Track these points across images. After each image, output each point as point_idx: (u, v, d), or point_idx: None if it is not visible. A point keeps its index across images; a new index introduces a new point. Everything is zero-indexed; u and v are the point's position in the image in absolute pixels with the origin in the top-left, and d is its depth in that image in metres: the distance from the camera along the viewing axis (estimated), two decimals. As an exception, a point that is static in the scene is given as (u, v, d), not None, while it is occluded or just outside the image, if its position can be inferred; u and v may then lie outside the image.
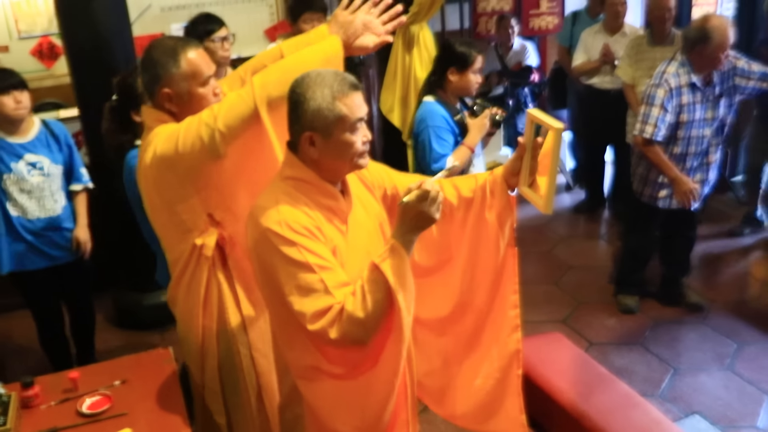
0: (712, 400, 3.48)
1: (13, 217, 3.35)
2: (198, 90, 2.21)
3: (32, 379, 2.25)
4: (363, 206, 2.02)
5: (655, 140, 3.72)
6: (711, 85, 3.75)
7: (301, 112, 1.80)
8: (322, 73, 1.83)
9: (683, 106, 3.71)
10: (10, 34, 5.43)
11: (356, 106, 1.82)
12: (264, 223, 1.80)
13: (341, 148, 1.83)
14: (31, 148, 3.37)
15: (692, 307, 4.28)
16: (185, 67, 2.18)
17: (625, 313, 4.29)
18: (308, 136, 1.81)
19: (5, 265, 3.40)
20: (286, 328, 1.89)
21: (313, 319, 1.76)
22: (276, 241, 1.78)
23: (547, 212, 2.06)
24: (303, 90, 1.81)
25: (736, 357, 3.81)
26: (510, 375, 2.24)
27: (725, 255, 4.98)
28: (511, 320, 2.20)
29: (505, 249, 2.15)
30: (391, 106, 4.35)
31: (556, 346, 3.40)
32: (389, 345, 1.83)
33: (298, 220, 1.80)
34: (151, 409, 2.20)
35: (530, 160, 2.04)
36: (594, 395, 3.01)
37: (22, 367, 3.99)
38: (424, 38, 4.27)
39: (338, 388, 1.91)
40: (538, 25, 6.64)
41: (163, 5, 5.58)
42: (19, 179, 3.33)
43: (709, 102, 3.76)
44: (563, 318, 4.29)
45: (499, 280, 2.18)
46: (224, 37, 3.56)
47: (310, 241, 1.80)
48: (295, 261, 1.77)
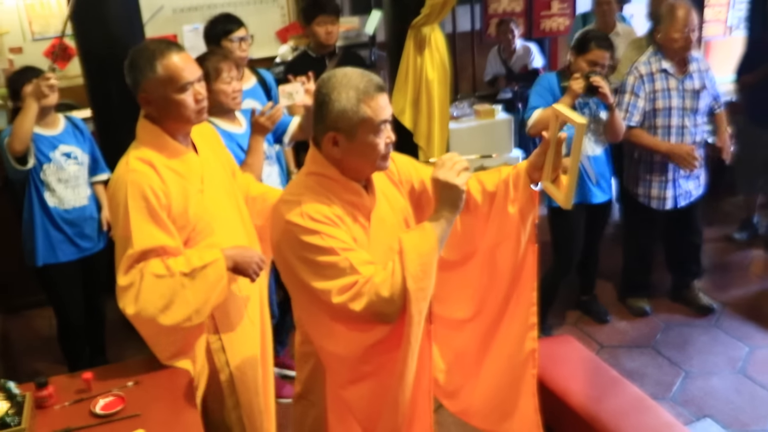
0: (724, 403, 3.46)
1: (50, 207, 3.47)
2: (174, 96, 2.21)
3: (46, 380, 2.26)
4: (387, 201, 2.03)
5: (629, 125, 3.83)
6: (688, 74, 3.85)
7: (326, 112, 1.81)
8: (348, 74, 1.84)
9: (657, 92, 3.83)
10: (24, 35, 5.47)
11: (381, 108, 1.83)
12: (286, 216, 1.83)
13: (364, 149, 1.84)
14: (63, 139, 3.51)
15: (702, 310, 4.27)
16: (161, 72, 2.19)
17: (638, 315, 4.28)
18: (331, 137, 1.83)
19: (40, 257, 3.50)
20: (318, 326, 1.91)
21: (339, 293, 1.78)
22: (298, 233, 1.80)
23: (567, 207, 2.04)
24: (328, 90, 1.81)
25: (748, 360, 3.79)
26: (525, 374, 2.23)
27: (737, 258, 4.95)
28: (528, 318, 2.19)
29: (526, 245, 2.13)
30: (402, 108, 4.35)
31: (567, 349, 3.39)
32: (406, 328, 1.82)
33: (319, 210, 1.82)
34: (165, 410, 2.20)
35: (554, 155, 2.03)
36: (605, 398, 3.00)
37: (31, 367, 4.01)
38: (436, 40, 4.27)
39: (375, 387, 1.92)
40: (549, 26, 6.63)
41: (175, 6, 5.60)
42: (58, 169, 3.45)
43: (687, 92, 3.84)
44: (574, 321, 4.28)
45: (518, 276, 2.17)
46: (242, 38, 3.57)
47: (331, 228, 1.82)
48: (319, 248, 1.79)
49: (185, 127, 2.30)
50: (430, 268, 1.81)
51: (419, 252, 1.80)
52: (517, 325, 2.21)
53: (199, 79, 2.27)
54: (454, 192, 1.82)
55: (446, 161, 1.83)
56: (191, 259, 2.21)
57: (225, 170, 2.50)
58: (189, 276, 2.17)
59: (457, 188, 1.81)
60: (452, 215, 1.85)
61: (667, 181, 3.96)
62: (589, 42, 3.60)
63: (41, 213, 3.47)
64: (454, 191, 1.82)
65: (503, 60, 6.05)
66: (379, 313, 1.79)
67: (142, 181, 2.16)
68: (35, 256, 3.51)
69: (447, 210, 1.84)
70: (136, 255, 2.15)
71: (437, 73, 4.30)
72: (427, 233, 1.83)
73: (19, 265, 4.53)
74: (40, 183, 3.45)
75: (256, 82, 3.80)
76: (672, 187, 3.97)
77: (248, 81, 3.76)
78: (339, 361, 1.94)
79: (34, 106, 3.26)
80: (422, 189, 2.15)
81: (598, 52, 3.57)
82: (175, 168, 2.24)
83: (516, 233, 2.11)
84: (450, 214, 1.85)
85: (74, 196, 3.52)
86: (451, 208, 1.84)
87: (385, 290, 1.78)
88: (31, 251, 3.52)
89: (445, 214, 1.84)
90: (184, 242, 2.25)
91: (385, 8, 4.58)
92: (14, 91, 3.45)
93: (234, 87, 2.99)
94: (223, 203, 2.40)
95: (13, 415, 2.08)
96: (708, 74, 3.93)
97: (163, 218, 2.17)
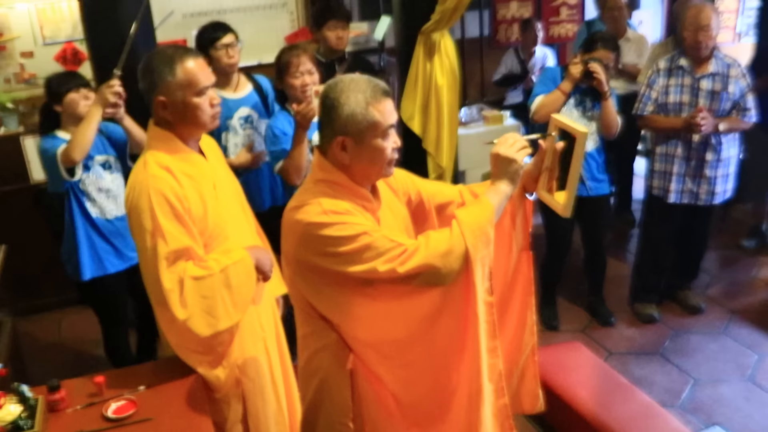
0: (733, 411, 3.46)
1: (94, 218, 3.38)
2: (192, 99, 2.23)
3: (59, 383, 2.27)
4: (390, 209, 2.04)
5: (641, 114, 4.01)
6: (707, 74, 3.88)
7: (335, 116, 1.82)
8: (356, 79, 1.86)
9: (670, 86, 3.94)
10: (35, 40, 5.50)
11: (388, 112, 1.85)
12: (306, 219, 1.83)
13: (373, 153, 1.85)
14: (98, 148, 3.39)
15: (691, 309, 4.35)
16: (181, 76, 2.21)
17: (646, 322, 4.29)
18: (340, 141, 1.84)
19: (87, 271, 3.39)
20: (356, 318, 1.89)
21: (385, 263, 1.78)
22: (324, 230, 1.80)
23: (566, 215, 2.08)
24: (336, 95, 1.83)
25: (758, 368, 3.78)
26: (528, 362, 2.28)
27: (745, 266, 4.94)
28: (527, 319, 2.24)
29: (519, 253, 2.16)
30: (411, 114, 4.36)
31: (576, 356, 3.38)
32: (472, 297, 1.85)
33: (340, 205, 1.84)
34: (176, 414, 2.21)
35: (550, 164, 2.06)
36: (614, 405, 3.00)
37: (42, 370, 4.02)
38: (445, 46, 4.28)
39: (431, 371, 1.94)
40: (558, 32, 6.64)
41: (185, 12, 5.63)
42: (97, 178, 3.38)
43: (702, 91, 3.89)
44: (582, 327, 4.28)
45: (513, 282, 2.20)
46: (228, 44, 3.59)
47: (356, 217, 1.84)
48: (349, 237, 1.79)
49: (198, 132, 2.31)
50: (489, 237, 1.88)
51: (479, 222, 1.86)
52: (519, 326, 2.24)
53: (213, 84, 2.30)
54: (513, 165, 1.95)
55: (508, 138, 1.97)
56: (220, 259, 2.23)
57: (232, 177, 2.54)
58: (224, 274, 2.21)
59: (516, 162, 1.95)
60: (509, 188, 1.97)
61: (671, 174, 4.03)
62: (596, 42, 3.76)
63: (84, 224, 3.38)
64: (513, 165, 1.95)
65: (521, 60, 6.04)
66: (432, 272, 1.79)
67: (163, 186, 2.17)
68: (81, 270, 3.39)
69: (505, 183, 1.96)
70: (172, 253, 2.16)
71: (446, 79, 4.31)
72: (483, 204, 1.92)
73: (29, 268, 4.60)
74: (81, 193, 3.35)
75: (252, 89, 3.83)
76: (676, 181, 4.02)
77: (243, 88, 3.79)
78: (388, 345, 1.93)
79: (98, 115, 3.20)
80: (418, 200, 2.18)
81: (603, 51, 3.70)
82: (190, 173, 2.26)
83: (507, 241, 2.14)
84: (507, 187, 1.96)
85: (115, 206, 3.41)
86: (510, 181, 1.97)
87: (442, 245, 1.81)
88: (76, 266, 3.40)
89: (503, 187, 1.96)
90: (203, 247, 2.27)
91: (395, 14, 4.59)
92: (55, 95, 3.34)
93: (304, 81, 3.22)
94: (234, 209, 2.43)
95: (26, 419, 2.10)
96: (738, 82, 3.89)
97: (187, 221, 2.19)
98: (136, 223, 2.21)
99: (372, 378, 1.98)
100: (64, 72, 3.68)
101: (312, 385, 2.04)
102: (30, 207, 4.58)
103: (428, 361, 1.93)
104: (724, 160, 3.98)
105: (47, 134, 3.38)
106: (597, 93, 3.78)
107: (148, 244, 2.17)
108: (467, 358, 1.92)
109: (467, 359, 1.92)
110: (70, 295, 4.76)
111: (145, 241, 2.18)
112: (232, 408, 2.38)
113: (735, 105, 3.94)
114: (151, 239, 2.16)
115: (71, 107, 3.31)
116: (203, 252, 2.24)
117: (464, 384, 1.94)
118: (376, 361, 1.96)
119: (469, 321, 1.89)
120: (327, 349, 1.97)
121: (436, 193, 2.21)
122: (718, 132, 3.88)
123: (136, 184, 2.22)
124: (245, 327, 2.38)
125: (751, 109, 3.94)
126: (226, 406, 2.37)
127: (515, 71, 6.03)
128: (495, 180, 1.98)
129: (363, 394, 1.99)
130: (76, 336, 4.54)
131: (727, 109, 3.95)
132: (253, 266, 2.30)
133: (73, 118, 3.32)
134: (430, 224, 2.20)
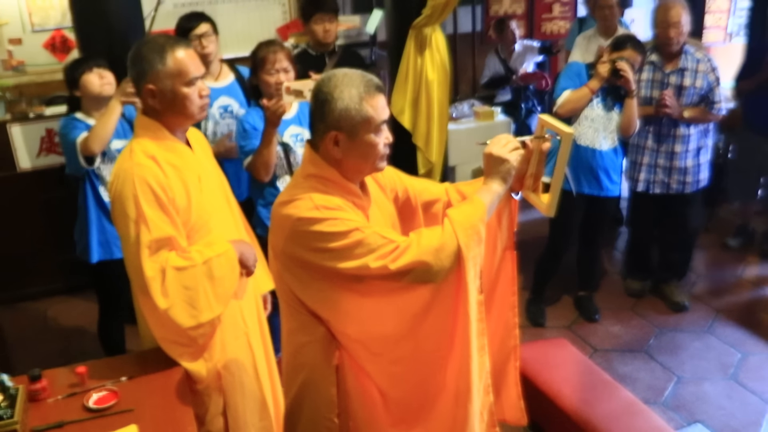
0: (715, 409, 3.48)
1: (106, 202, 3.37)
2: (182, 89, 2.22)
3: (40, 372, 2.25)
4: (377, 206, 2.04)
5: None
6: (676, 70, 4.03)
7: (328, 111, 1.82)
8: (349, 74, 1.85)
9: (642, 81, 4.08)
10: (24, 27, 5.46)
11: (381, 108, 1.85)
12: (296, 215, 1.82)
13: (365, 148, 1.85)
14: (117, 135, 3.35)
15: (675, 306, 4.41)
16: (171, 65, 2.20)
17: (633, 296, 4.54)
18: (333, 136, 1.83)
19: (95, 253, 3.43)
20: (345, 313, 1.89)
21: (376, 260, 1.78)
22: (315, 226, 1.80)
23: (550, 215, 2.10)
24: (330, 89, 1.82)
25: (740, 367, 3.81)
26: (508, 367, 2.27)
27: (730, 264, 4.96)
28: (509, 319, 2.24)
29: (502, 252, 2.16)
30: (401, 108, 4.36)
31: (561, 352, 3.40)
32: (463, 294, 1.85)
33: (331, 201, 1.84)
34: (158, 405, 2.20)
35: (536, 164, 2.06)
36: (597, 401, 3.01)
37: (27, 359, 4.00)
38: (437, 41, 4.27)
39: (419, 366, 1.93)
40: (550, 29, 6.64)
41: (176, 1, 5.60)
42: (113, 163, 3.29)
43: (670, 86, 4.04)
44: (569, 324, 4.30)
45: (496, 280, 2.19)
46: (201, 35, 3.58)
47: (347, 212, 1.84)
48: (341, 233, 1.79)
49: (186, 122, 2.31)
50: (480, 235, 1.88)
51: (471, 220, 1.86)
52: (500, 326, 2.24)
53: (203, 76, 2.30)
54: (505, 165, 1.96)
55: (501, 139, 1.99)
56: (203, 251, 2.23)
57: (218, 170, 2.53)
58: (206, 265, 2.20)
59: (508, 162, 1.96)
60: (501, 188, 1.98)
61: (641, 165, 4.20)
62: (626, 42, 3.82)
63: (96, 208, 3.40)
64: (506, 164, 1.96)
65: (502, 60, 6.04)
66: (424, 269, 1.79)
67: (147, 174, 2.17)
68: (89, 253, 3.42)
69: (497, 182, 1.97)
70: (155, 242, 2.15)
71: (437, 74, 4.31)
72: (475, 203, 1.92)
73: (15, 257, 4.57)
74: (96, 178, 3.37)
75: (234, 79, 3.81)
76: (646, 171, 4.19)
77: (225, 78, 3.78)
78: (376, 341, 1.92)
79: (119, 108, 3.21)
80: (405, 197, 2.17)
81: (631, 52, 3.76)
82: (175, 163, 2.25)
83: (492, 239, 2.13)
84: (499, 187, 1.98)
85: None
86: (501, 180, 1.98)
87: (434, 242, 1.81)
88: (86, 247, 3.44)
89: (495, 187, 1.97)
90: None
91: (387, 8, 4.59)
92: (72, 80, 3.35)
93: (279, 78, 3.14)
94: (218, 202, 2.42)
95: (6, 408, 2.08)
96: (706, 77, 4.02)
97: (170, 211, 2.19)
98: (119, 211, 2.20)
99: (359, 373, 1.98)
100: (81, 57, 3.67)
101: (297, 379, 2.03)
102: (17, 195, 4.57)
103: (416, 358, 1.93)
104: (693, 151, 4.12)
105: (66, 116, 3.40)
106: (619, 92, 3.84)
107: (132, 232, 2.17)
108: (455, 356, 1.92)
109: (455, 357, 1.92)
110: (56, 284, 4.77)
111: (129, 228, 2.17)
112: (212, 400, 2.37)
113: (703, 99, 4.06)
114: (135, 227, 2.16)
115: (86, 88, 3.33)
116: (186, 243, 2.23)
117: (451, 381, 1.94)
118: (364, 357, 1.96)
119: (458, 319, 1.89)
120: (314, 344, 1.96)
121: (423, 191, 2.21)
122: (683, 119, 4.02)
123: (120, 172, 2.21)
124: (227, 321, 2.37)
125: (719, 102, 4.06)
126: (207, 398, 2.36)
127: (499, 73, 6.05)
128: (487, 179, 1.99)
129: (349, 390, 1.98)
130: (62, 325, 4.52)
131: (695, 102, 4.06)
132: (236, 260, 2.29)
133: (91, 100, 3.34)
134: (417, 221, 2.19)
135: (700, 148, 4.14)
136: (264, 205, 3.28)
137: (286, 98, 2.92)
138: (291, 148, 3.22)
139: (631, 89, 3.75)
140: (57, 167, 4.31)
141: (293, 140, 3.24)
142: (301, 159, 3.06)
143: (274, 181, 3.23)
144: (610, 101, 3.89)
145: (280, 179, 3.24)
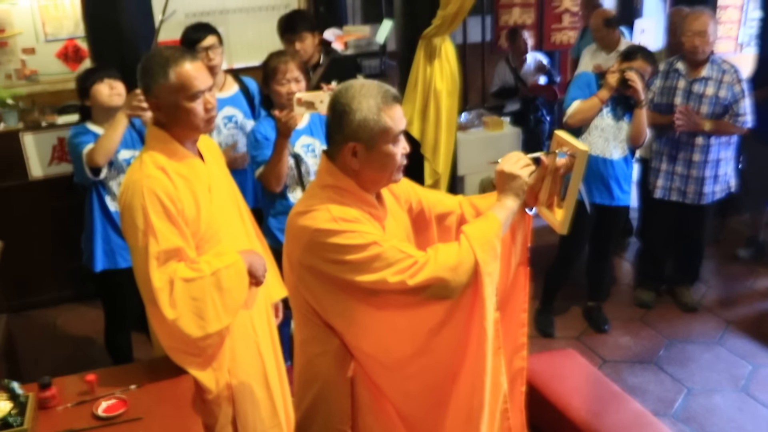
0: (726, 422, 3.45)
1: (112, 212, 3.39)
2: (184, 104, 2.21)
3: (50, 380, 2.27)
4: (393, 217, 2.04)
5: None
6: (700, 78, 4.05)
7: (346, 122, 1.81)
8: (366, 84, 1.85)
9: (664, 88, 4.16)
10: (37, 36, 5.51)
11: (399, 118, 1.85)
12: (313, 226, 1.81)
13: (383, 159, 1.85)
14: (124, 144, 3.37)
15: (685, 307, 4.48)
16: (173, 80, 2.20)
17: (642, 307, 4.52)
18: (351, 147, 1.83)
19: (99, 263, 3.44)
20: (361, 327, 1.87)
21: (395, 275, 1.78)
22: (333, 238, 1.79)
23: (563, 232, 2.08)
24: (348, 100, 1.82)
25: (751, 379, 3.78)
26: (513, 392, 2.22)
27: (741, 276, 4.94)
28: (518, 338, 2.20)
29: (516, 267, 2.14)
30: (410, 118, 4.35)
31: (570, 363, 3.39)
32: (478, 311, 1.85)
33: (349, 213, 1.83)
34: (167, 414, 2.21)
35: (551, 181, 2.05)
36: (606, 413, 3.00)
37: (36, 367, 4.02)
38: (446, 51, 4.28)
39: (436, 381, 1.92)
40: (560, 39, 6.66)
41: (188, 11, 5.63)
42: (120, 174, 3.38)
43: (693, 94, 4.06)
44: (578, 334, 4.28)
45: (509, 296, 2.17)
46: (208, 47, 3.58)
47: (366, 225, 1.83)
48: (359, 245, 1.78)
49: (193, 134, 2.31)
50: (496, 251, 1.89)
51: (486, 236, 1.87)
52: (508, 345, 2.19)
53: (210, 88, 2.29)
54: (517, 181, 1.98)
55: (512, 156, 2.02)
56: (212, 261, 2.23)
57: (230, 180, 2.53)
58: (215, 276, 2.21)
59: (520, 178, 1.98)
60: (515, 203, 1.99)
61: (660, 171, 4.24)
62: (637, 53, 3.86)
63: (102, 218, 3.41)
64: (518, 180, 1.98)
65: (513, 69, 6.04)
66: (441, 285, 1.79)
67: (156, 186, 2.18)
68: (94, 262, 3.43)
69: (511, 198, 1.99)
70: (163, 253, 2.16)
71: (446, 84, 4.31)
72: (490, 219, 1.93)
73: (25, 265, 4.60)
74: (102, 187, 3.38)
75: (238, 89, 3.82)
76: (664, 178, 4.23)
77: (229, 88, 3.79)
78: (390, 357, 1.91)
79: (125, 121, 3.21)
80: (419, 209, 2.17)
81: (641, 62, 3.79)
82: (185, 174, 2.26)
83: (507, 255, 2.11)
84: (513, 203, 1.99)
85: None
86: (515, 196, 1.99)
87: (452, 258, 1.81)
88: (90, 256, 3.45)
89: (509, 203, 1.98)
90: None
91: (397, 18, 4.60)
92: (83, 90, 3.37)
93: (290, 88, 3.13)
94: (229, 212, 2.43)
95: (16, 416, 2.10)
96: (731, 88, 4.02)
97: (179, 222, 2.19)
98: (129, 222, 2.21)
99: (372, 386, 1.97)
100: (93, 67, 3.69)
101: (310, 390, 2.01)
102: (28, 203, 4.60)
103: (430, 375, 1.92)
104: (712, 162, 4.11)
105: (77, 125, 3.43)
106: (629, 102, 3.85)
107: (140, 243, 2.17)
108: (469, 373, 1.90)
109: (469, 374, 1.90)
110: (67, 292, 4.79)
111: (137, 239, 2.18)
112: (222, 410, 2.37)
113: (727, 110, 4.04)
114: (143, 238, 2.17)
115: (96, 98, 3.34)
116: (195, 254, 2.24)
117: (465, 400, 1.92)
118: (378, 373, 1.95)
119: (472, 335, 1.88)
120: (328, 355, 1.95)
121: (437, 203, 2.21)
122: (703, 132, 4.02)
123: (130, 183, 2.22)
124: (237, 330, 2.38)
125: (744, 115, 4.04)
126: (216, 408, 2.36)
127: (509, 82, 6.05)
128: (501, 196, 2.00)
129: (362, 402, 1.97)
130: (72, 334, 4.53)
131: (718, 113, 4.04)
132: (245, 270, 2.30)
133: (100, 110, 3.36)
134: (430, 234, 2.19)
135: (720, 159, 4.14)
136: (274, 215, 3.29)
137: (298, 110, 2.92)
138: (302, 158, 3.23)
139: (640, 99, 3.76)
140: (68, 176, 4.31)
141: (304, 151, 3.25)
142: (314, 169, 3.06)
143: (285, 192, 3.24)
144: (620, 111, 3.89)
145: (291, 190, 3.25)
